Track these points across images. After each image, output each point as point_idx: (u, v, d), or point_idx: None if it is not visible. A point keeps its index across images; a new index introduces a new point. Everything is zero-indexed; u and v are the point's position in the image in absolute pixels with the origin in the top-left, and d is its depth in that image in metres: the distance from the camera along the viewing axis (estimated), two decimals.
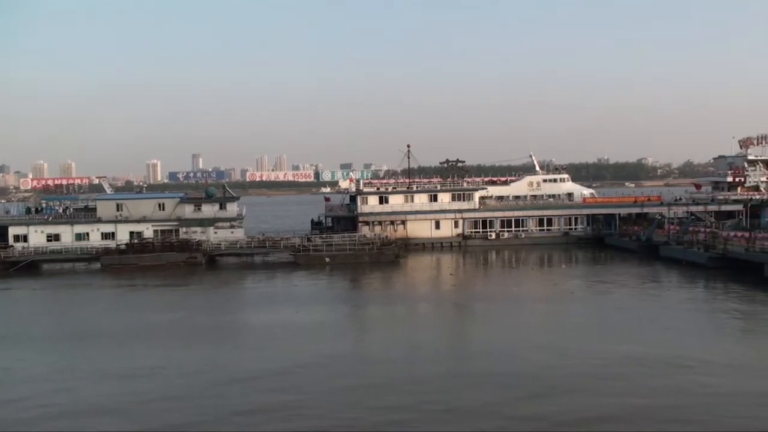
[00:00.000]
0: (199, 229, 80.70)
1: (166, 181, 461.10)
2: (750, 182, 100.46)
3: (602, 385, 29.66)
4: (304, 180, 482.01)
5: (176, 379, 32.39)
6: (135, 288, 63.54)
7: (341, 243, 77.08)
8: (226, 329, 44.00)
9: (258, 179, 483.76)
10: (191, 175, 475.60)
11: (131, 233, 79.71)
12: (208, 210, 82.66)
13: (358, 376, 32.14)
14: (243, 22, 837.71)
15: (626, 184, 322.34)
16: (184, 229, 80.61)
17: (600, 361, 33.51)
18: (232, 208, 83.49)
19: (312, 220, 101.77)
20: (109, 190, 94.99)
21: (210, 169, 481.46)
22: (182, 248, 75.71)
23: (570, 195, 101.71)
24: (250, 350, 37.97)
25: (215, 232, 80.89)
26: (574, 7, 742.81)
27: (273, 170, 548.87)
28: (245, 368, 33.80)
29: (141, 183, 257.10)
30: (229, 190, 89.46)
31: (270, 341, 39.68)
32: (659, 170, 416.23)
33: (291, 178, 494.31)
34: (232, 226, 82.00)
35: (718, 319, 43.80)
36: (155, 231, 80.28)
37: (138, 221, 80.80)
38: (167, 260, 73.77)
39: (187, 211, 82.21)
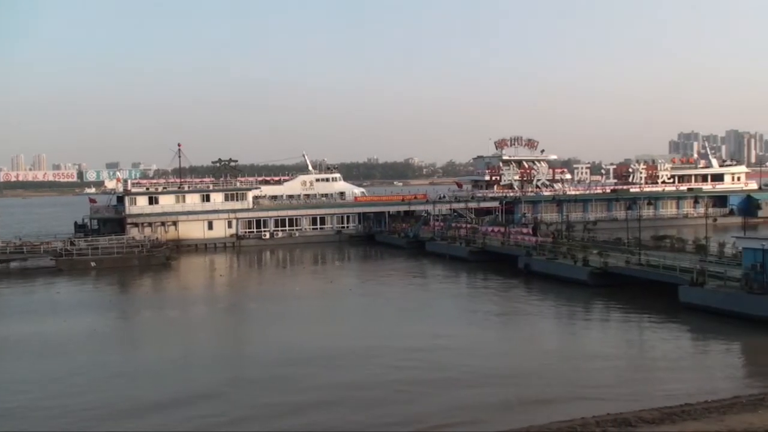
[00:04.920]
0: None
1: None
2: (505, 181, 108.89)
3: (373, 361, 31.25)
4: (66, 180, 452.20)
5: None
6: None
7: (108, 246, 73.67)
8: None
9: (14, 180, 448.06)
10: None
11: None
12: None
13: (134, 383, 31.24)
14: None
15: (395, 182, 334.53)
16: None
17: (380, 342, 35.27)
18: None
19: (75, 223, 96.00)
20: None
21: None
22: None
23: (342, 194, 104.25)
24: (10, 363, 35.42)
25: None
26: (342, 10, 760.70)
27: (31, 170, 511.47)
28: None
29: None
30: None
31: (34, 354, 37.23)
32: (425, 169, 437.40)
33: (51, 178, 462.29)
34: None
35: (477, 305, 47.40)
36: None
37: None
38: None
39: None
